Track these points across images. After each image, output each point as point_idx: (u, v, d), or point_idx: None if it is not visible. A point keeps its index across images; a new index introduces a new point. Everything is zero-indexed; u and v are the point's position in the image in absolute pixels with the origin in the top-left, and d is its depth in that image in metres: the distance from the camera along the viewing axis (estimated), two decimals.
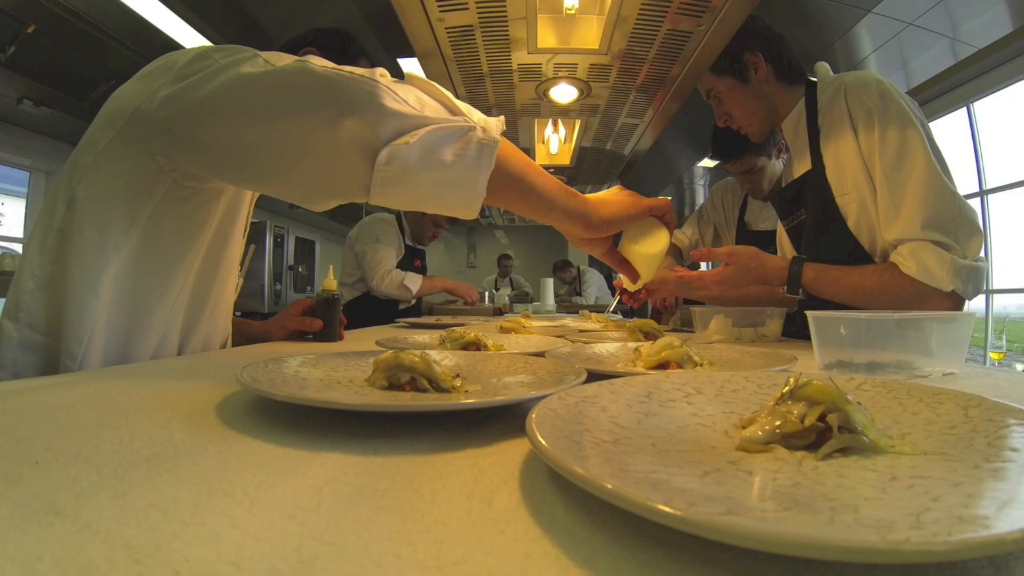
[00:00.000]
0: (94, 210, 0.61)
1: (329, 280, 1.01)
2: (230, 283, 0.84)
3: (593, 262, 4.84)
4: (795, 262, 0.93)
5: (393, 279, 2.06)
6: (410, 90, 0.53)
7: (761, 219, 1.58)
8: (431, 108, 0.52)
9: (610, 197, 0.66)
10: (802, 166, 1.03)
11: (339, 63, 0.54)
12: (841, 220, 0.94)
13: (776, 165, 1.46)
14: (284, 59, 0.54)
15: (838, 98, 0.94)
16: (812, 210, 1.01)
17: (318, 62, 0.52)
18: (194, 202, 0.67)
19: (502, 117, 0.57)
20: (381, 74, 0.53)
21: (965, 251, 0.83)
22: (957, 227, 0.83)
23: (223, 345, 0.88)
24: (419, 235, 2.30)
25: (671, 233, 0.69)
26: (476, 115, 0.55)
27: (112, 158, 0.60)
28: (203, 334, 0.80)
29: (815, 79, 1.03)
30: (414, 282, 2.10)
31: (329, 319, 0.99)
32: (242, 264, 0.93)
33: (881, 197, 0.88)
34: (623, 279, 0.74)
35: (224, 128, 0.54)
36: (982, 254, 0.86)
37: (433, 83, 0.55)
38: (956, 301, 0.85)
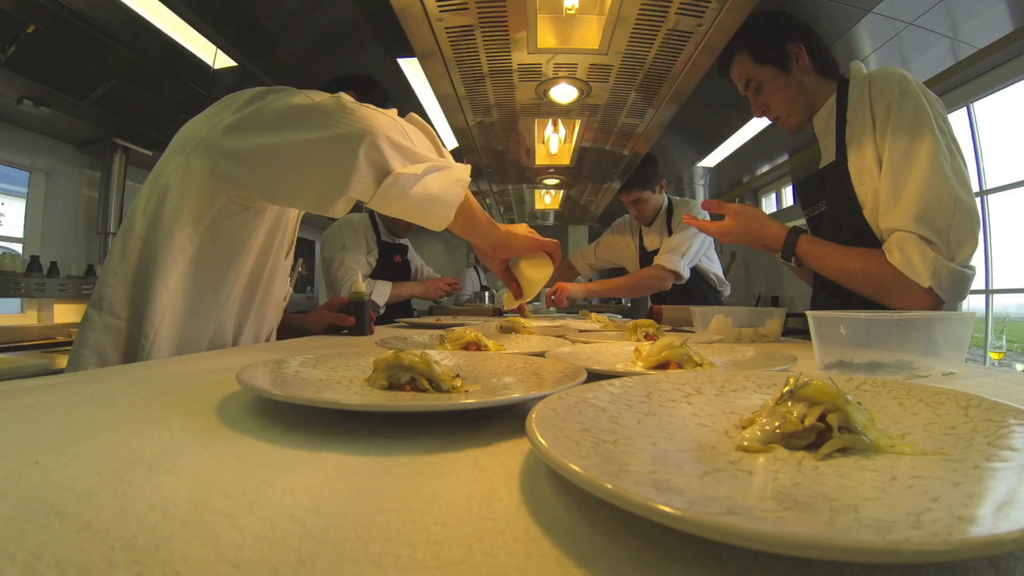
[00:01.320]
0: (167, 221, 0.77)
1: (359, 284, 1.17)
2: (276, 286, 0.99)
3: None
4: (792, 231, 0.97)
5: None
6: (414, 130, 0.75)
7: (651, 241, 2.17)
8: (424, 147, 0.75)
9: (517, 231, 0.89)
10: (827, 158, 1.05)
11: (372, 103, 0.75)
12: (858, 209, 0.94)
13: (659, 198, 2.10)
14: (323, 95, 0.71)
15: (863, 93, 0.95)
16: (832, 200, 1.03)
17: (349, 100, 0.70)
18: (243, 216, 0.82)
19: (468, 165, 0.79)
20: (393, 115, 0.73)
21: (954, 254, 0.83)
22: (950, 229, 0.83)
23: (268, 338, 1.03)
24: (395, 228, 2.26)
25: (555, 266, 0.92)
26: (450, 158, 0.79)
27: (182, 179, 0.77)
28: (253, 327, 0.95)
29: (847, 78, 1.04)
30: (381, 294, 2.07)
31: (360, 317, 1.15)
32: (291, 276, 1.10)
33: (884, 186, 0.89)
34: (508, 294, 0.95)
35: (270, 143, 0.71)
36: (973, 262, 0.86)
37: (426, 124, 0.80)
38: (935, 299, 0.85)
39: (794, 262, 0.98)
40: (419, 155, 0.72)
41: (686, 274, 2.00)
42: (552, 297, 2.09)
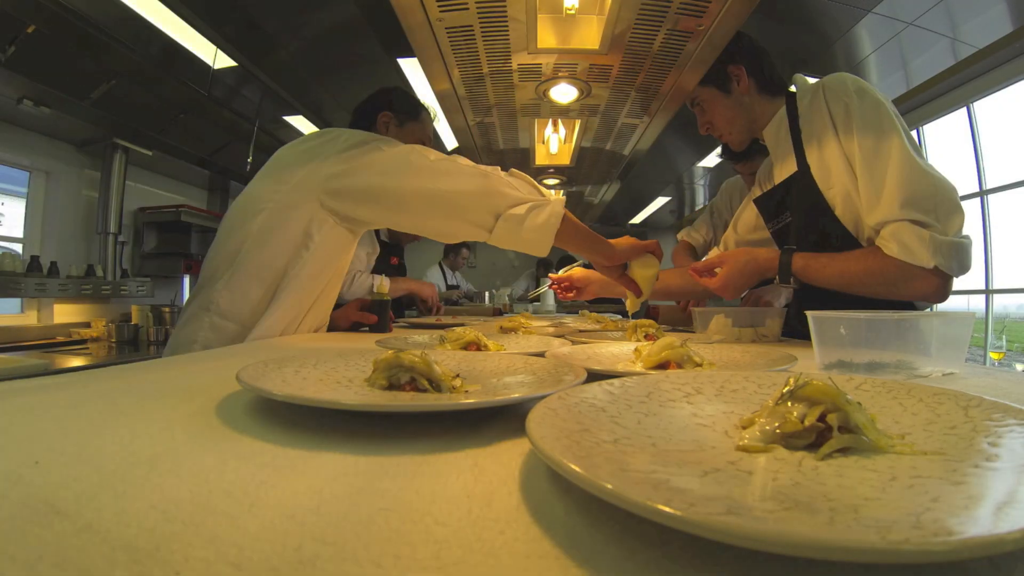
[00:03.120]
0: (273, 235, 0.95)
1: (381, 285, 1.33)
2: (332, 288, 1.17)
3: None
4: (785, 252, 0.96)
5: (363, 283, 2.01)
6: (516, 180, 0.92)
7: (780, 171, 1.67)
8: (526, 190, 0.91)
9: (621, 242, 0.98)
10: (785, 170, 1.08)
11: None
12: (830, 212, 0.97)
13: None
14: (436, 154, 0.93)
15: (817, 99, 0.97)
16: (799, 210, 1.05)
17: (463, 160, 0.92)
18: (342, 230, 1.01)
19: (563, 196, 0.94)
20: (496, 170, 0.91)
21: (946, 228, 0.84)
22: (936, 206, 0.84)
23: (317, 330, 1.19)
24: (397, 235, 2.25)
25: (660, 262, 1.00)
26: (549, 193, 0.93)
27: (278, 208, 0.95)
28: (308, 322, 1.11)
29: (794, 90, 1.07)
30: (382, 286, 2.09)
31: (380, 315, 1.28)
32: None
33: (862, 185, 0.90)
34: (631, 297, 1.03)
35: (412, 187, 0.90)
36: (965, 232, 0.86)
37: (525, 175, 0.95)
38: (942, 279, 0.85)
39: (793, 282, 0.96)
40: (525, 199, 0.89)
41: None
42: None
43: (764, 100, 1.09)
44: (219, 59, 2.29)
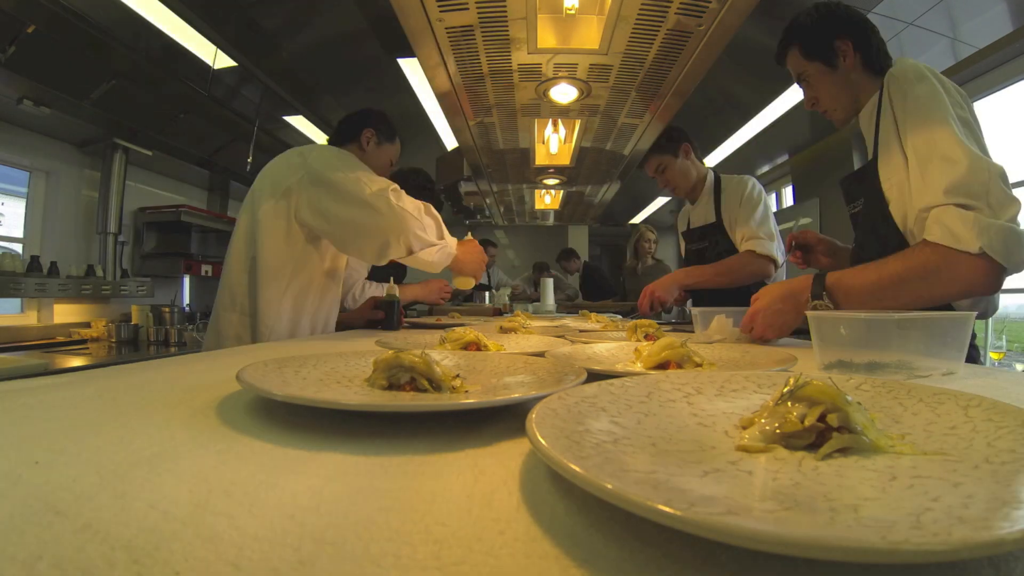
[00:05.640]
0: (272, 245, 1.21)
1: (391, 287, 1.41)
2: (330, 292, 1.39)
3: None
4: (817, 275, 0.91)
5: (369, 294, 1.93)
6: (427, 219, 1.24)
7: (697, 216, 1.84)
8: (432, 230, 1.25)
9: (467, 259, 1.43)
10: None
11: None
12: (886, 206, 0.94)
13: (693, 167, 1.79)
14: (379, 183, 1.19)
15: (887, 88, 0.95)
16: (867, 197, 1.04)
17: (395, 198, 1.18)
18: (317, 242, 1.28)
19: (455, 240, 1.35)
20: (419, 204, 1.24)
21: (997, 215, 0.76)
22: (988, 192, 0.77)
23: (323, 330, 1.38)
24: None
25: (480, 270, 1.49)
26: (447, 234, 1.32)
27: (272, 216, 1.21)
28: (307, 324, 1.32)
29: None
30: (392, 288, 2.04)
31: (390, 313, 1.41)
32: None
33: (913, 173, 0.86)
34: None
35: (343, 215, 1.18)
36: (1021, 220, 0.79)
37: (435, 213, 1.29)
38: (992, 267, 0.75)
39: (826, 298, 0.89)
40: (430, 240, 1.24)
41: (781, 260, 1.67)
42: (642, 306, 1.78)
43: (869, 77, 1.05)
44: (219, 59, 2.29)
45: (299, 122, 2.95)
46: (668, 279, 1.72)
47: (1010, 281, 0.80)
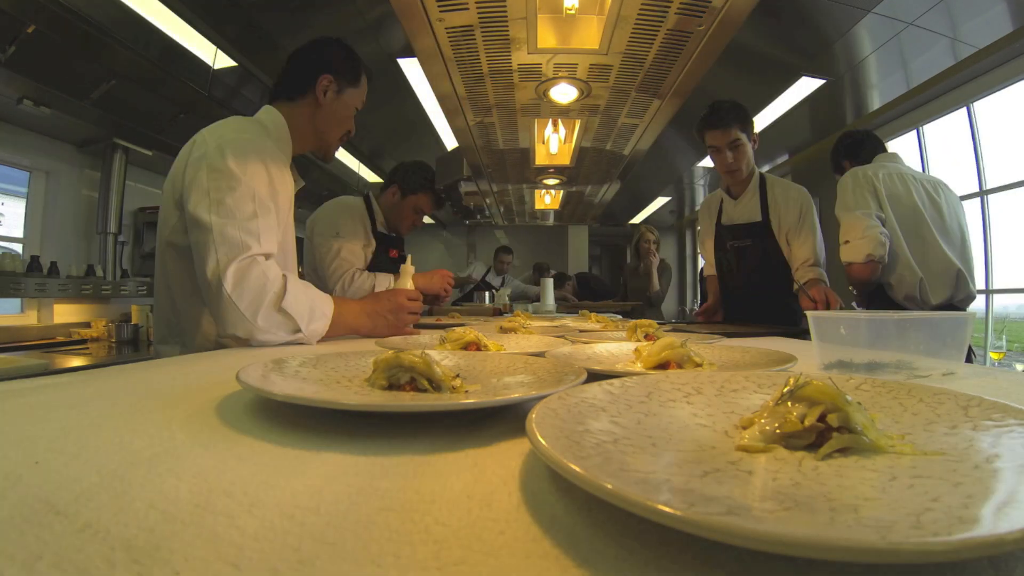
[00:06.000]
0: (178, 252, 1.04)
1: (400, 283, 1.38)
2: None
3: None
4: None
5: (362, 285, 1.83)
6: (276, 315, 0.94)
7: (740, 213, 1.85)
8: (280, 327, 0.94)
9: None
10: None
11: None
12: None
13: (751, 158, 1.81)
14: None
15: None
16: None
17: (248, 279, 0.93)
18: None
19: (326, 317, 1.02)
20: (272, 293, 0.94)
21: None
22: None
23: None
24: (396, 225, 2.06)
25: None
26: (318, 318, 1.00)
27: (178, 226, 1.03)
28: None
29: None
30: (385, 287, 1.83)
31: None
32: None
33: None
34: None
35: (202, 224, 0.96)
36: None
37: (298, 295, 0.97)
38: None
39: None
40: (270, 340, 0.97)
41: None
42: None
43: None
44: (219, 59, 2.29)
45: None
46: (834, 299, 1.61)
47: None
